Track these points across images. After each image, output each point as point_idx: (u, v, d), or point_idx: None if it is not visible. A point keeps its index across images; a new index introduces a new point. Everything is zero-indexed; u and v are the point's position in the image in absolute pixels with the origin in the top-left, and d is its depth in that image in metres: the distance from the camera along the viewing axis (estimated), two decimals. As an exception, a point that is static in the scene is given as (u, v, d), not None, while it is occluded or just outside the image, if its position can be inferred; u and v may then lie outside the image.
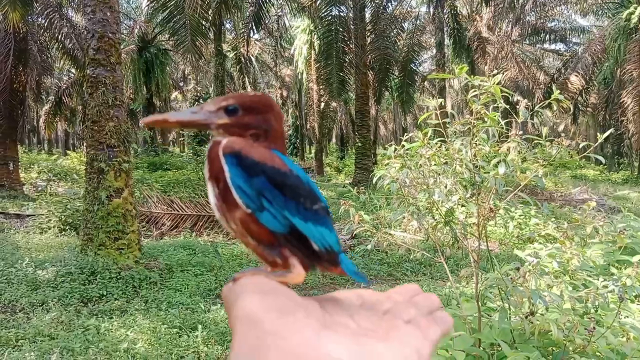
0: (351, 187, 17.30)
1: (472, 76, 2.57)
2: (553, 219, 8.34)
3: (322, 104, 26.86)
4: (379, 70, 21.63)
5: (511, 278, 1.93)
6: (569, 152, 2.35)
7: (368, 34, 19.85)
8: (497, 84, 2.34)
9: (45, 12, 16.39)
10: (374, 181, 2.75)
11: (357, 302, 0.55)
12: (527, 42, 28.05)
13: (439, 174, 2.67)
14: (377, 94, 22.76)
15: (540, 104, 2.43)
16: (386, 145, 2.83)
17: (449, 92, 31.12)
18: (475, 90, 2.28)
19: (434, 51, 24.83)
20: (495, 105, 2.59)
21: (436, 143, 2.78)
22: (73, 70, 22.44)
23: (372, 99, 23.09)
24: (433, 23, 22.29)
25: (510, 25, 24.08)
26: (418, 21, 24.05)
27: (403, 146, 2.80)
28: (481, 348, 2.02)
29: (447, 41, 23.18)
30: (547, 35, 26.52)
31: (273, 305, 0.45)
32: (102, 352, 4.44)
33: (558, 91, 2.24)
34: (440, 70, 22.43)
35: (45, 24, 16.84)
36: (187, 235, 9.83)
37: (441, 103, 2.86)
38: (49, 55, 18.93)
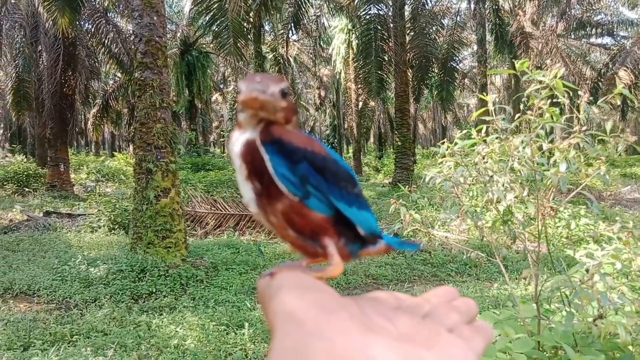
0: (391, 187, 17.18)
1: (514, 72, 2.51)
2: (614, 219, 8.05)
3: (360, 104, 26.80)
4: (418, 68, 21.38)
5: (579, 280, 1.87)
6: (616, 149, 2.26)
7: (407, 31, 19.65)
8: (556, 77, 2.28)
9: (92, 18, 16.95)
10: (425, 180, 2.71)
11: (394, 304, 0.54)
12: (573, 36, 27.16)
13: (494, 173, 2.62)
14: (416, 92, 22.51)
15: (603, 98, 2.34)
16: (438, 143, 2.79)
17: (490, 89, 30.46)
18: (536, 85, 2.22)
19: (475, 47, 24.40)
20: (556, 100, 2.52)
21: (493, 140, 2.72)
22: (119, 74, 23.16)
23: (411, 97, 22.86)
24: (474, 19, 21.90)
25: (554, 20, 23.37)
26: (458, 17, 23.64)
27: (456, 144, 2.76)
28: (541, 351, 1.97)
29: (488, 37, 22.70)
30: (594, 29, 25.61)
31: (315, 302, 0.43)
32: (153, 348, 4.56)
33: (622, 85, 2.16)
34: (482, 67, 22.01)
35: (93, 30, 17.42)
36: (230, 234, 9.99)
37: (495, 99, 2.80)
38: (96, 60, 19.59)
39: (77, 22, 15.25)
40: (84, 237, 9.12)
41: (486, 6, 20.54)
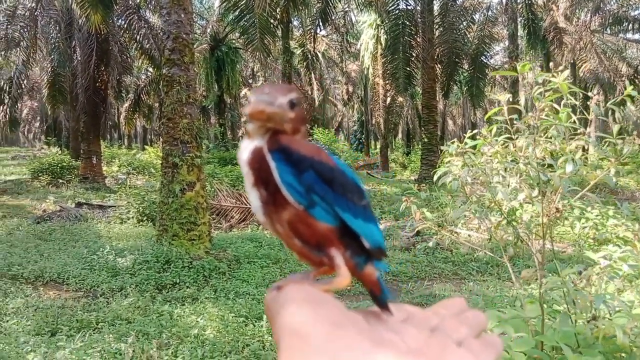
0: (416, 184, 17.07)
1: (544, 70, 2.51)
2: (632, 220, 7.86)
3: (388, 99, 26.64)
4: (447, 63, 21.12)
5: (572, 281, 1.88)
6: (621, 152, 2.23)
7: (436, 27, 19.44)
8: (566, 79, 2.27)
9: (125, 14, 17.32)
10: (434, 179, 2.74)
11: (401, 316, 0.54)
12: (608, 31, 26.36)
13: (503, 173, 2.62)
14: (445, 88, 22.26)
15: (613, 100, 2.32)
16: (448, 143, 2.81)
17: (522, 85, 29.89)
18: (540, 87, 2.23)
19: (507, 43, 23.95)
20: (567, 101, 2.51)
21: (499, 140, 2.72)
22: (150, 69, 23.63)
23: (440, 94, 22.62)
24: (505, 14, 21.50)
25: (589, 15, 22.75)
26: (489, 12, 23.24)
27: (466, 143, 2.77)
28: (543, 351, 1.98)
29: (520, 32, 22.26)
30: (630, 24, 24.78)
31: (322, 317, 0.43)
32: (174, 337, 4.70)
33: (631, 87, 2.15)
34: (513, 63, 21.59)
35: (125, 26, 17.81)
36: (254, 228, 10.13)
37: (509, 98, 2.80)
38: (128, 55, 20.00)
39: (110, 19, 15.62)
40: (113, 228, 9.39)
41: (519, 1, 20.12)
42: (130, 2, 18.14)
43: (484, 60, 22.73)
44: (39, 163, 15.64)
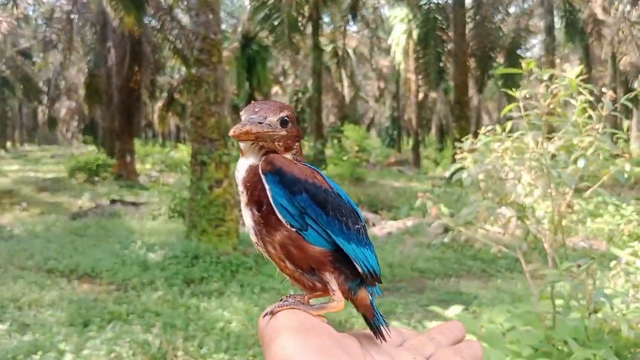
0: (446, 181, 16.85)
1: (584, 63, 2.46)
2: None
3: (421, 95, 26.36)
4: (480, 57, 20.77)
5: (571, 275, 1.84)
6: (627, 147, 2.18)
7: (469, 20, 19.12)
8: (581, 73, 2.22)
9: (157, 15, 17.65)
10: (446, 175, 2.72)
11: (397, 340, 0.54)
12: (649, 23, 25.33)
13: (515, 169, 2.59)
14: (479, 83, 21.87)
15: (626, 96, 2.25)
16: (462, 139, 2.78)
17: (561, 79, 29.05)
18: (548, 85, 2.19)
19: (544, 35, 23.34)
20: (581, 96, 2.47)
21: (512, 136, 2.69)
22: (183, 69, 24.04)
23: (475, 88, 22.24)
24: (542, 6, 20.95)
25: (628, 5, 21.93)
26: (525, 5, 22.72)
27: (480, 140, 2.74)
28: (553, 345, 1.95)
29: (558, 24, 21.66)
30: (674, 15, 23.75)
31: (313, 346, 0.43)
32: (200, 329, 4.79)
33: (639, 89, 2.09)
34: (550, 56, 21.04)
35: (158, 26, 18.15)
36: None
37: (525, 95, 2.74)
38: (161, 55, 20.39)
39: (143, 20, 15.95)
40: (145, 224, 9.62)
41: (555, -8, 19.58)
42: (163, 3, 18.48)
43: (520, 53, 22.25)
44: (75, 161, 16.15)
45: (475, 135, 2.96)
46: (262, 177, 0.53)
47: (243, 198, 0.55)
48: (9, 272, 6.45)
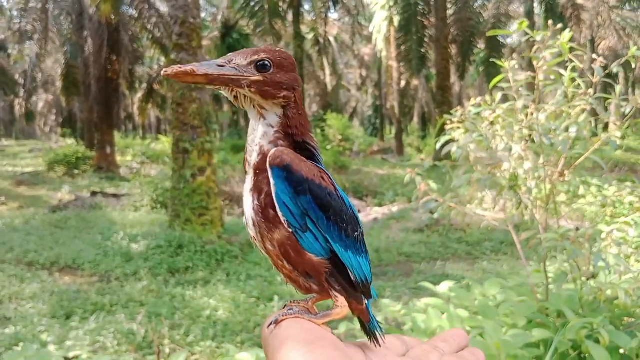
0: (430, 167, 16.85)
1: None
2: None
3: (403, 83, 26.33)
4: (462, 43, 20.77)
5: (569, 238, 1.80)
6: (624, 113, 2.15)
7: (450, 6, 19.07)
8: (570, 41, 2.18)
9: (135, 3, 17.30)
10: (436, 148, 2.67)
11: (401, 349, 0.54)
12: (628, 7, 25.62)
13: (506, 139, 2.54)
14: (461, 69, 21.91)
15: (617, 62, 2.21)
16: (451, 111, 2.73)
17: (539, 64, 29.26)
18: (539, 47, 2.14)
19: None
20: (571, 64, 2.43)
21: (502, 106, 2.65)
22: (163, 59, 23.65)
23: (456, 75, 22.27)
24: (521, -9, 21.00)
25: (607, -10, 22.15)
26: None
27: (469, 111, 2.69)
28: (547, 316, 1.92)
29: (537, 10, 21.75)
30: (652, -1, 24.03)
31: (319, 358, 0.42)
32: (186, 318, 4.71)
33: (635, 47, 2.04)
34: (530, 42, 21.15)
35: (136, 15, 17.79)
36: (267, 212, 10.12)
37: (514, 65, 2.70)
38: (140, 45, 20.02)
39: (120, 7, 15.61)
40: (127, 216, 9.46)
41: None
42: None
43: (500, 39, 22.31)
44: (54, 154, 15.82)
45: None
46: (269, 169, 0.51)
47: (249, 181, 0.53)
48: (-13, 265, 6.28)
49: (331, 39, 28.51)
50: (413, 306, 2.63)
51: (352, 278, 0.54)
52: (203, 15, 22.08)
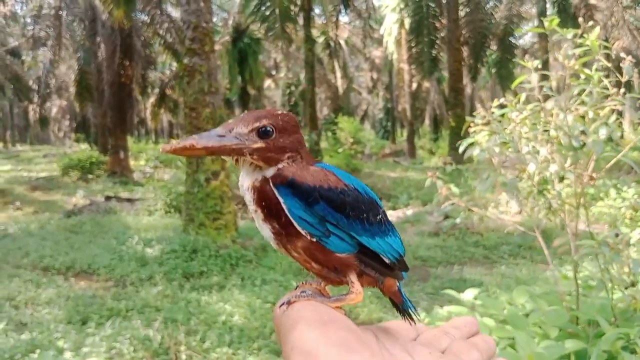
0: (443, 169, 16.75)
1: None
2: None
3: (414, 85, 26.24)
4: (474, 45, 20.65)
5: (609, 244, 1.73)
6: None
7: (461, 7, 18.96)
8: (598, 38, 2.11)
9: (147, 9, 17.42)
10: (459, 151, 2.61)
11: (411, 334, 0.54)
12: (642, 6, 25.28)
13: (531, 140, 2.47)
14: (473, 71, 21.76)
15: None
16: (474, 113, 2.67)
17: (552, 66, 29.04)
18: (570, 46, 2.08)
19: (536, 22, 23.24)
20: (600, 63, 2.35)
21: (528, 108, 2.58)
22: (174, 64, 23.79)
23: (468, 77, 22.12)
24: (533, -8, 20.83)
25: (621, -11, 21.89)
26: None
27: (493, 112, 2.63)
28: (579, 325, 1.85)
29: (550, 10, 21.55)
30: (666, -2, 23.70)
31: (333, 339, 0.42)
32: (202, 323, 4.68)
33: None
34: (543, 43, 20.99)
35: (148, 20, 17.91)
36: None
37: (537, 65, 2.65)
38: (152, 50, 20.15)
39: (133, 14, 15.71)
40: (141, 220, 9.48)
41: (546, -23, 19.46)
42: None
43: (513, 40, 22.16)
44: (69, 159, 15.93)
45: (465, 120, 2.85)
46: (274, 190, 0.50)
47: (258, 216, 0.53)
48: (4, 270, 6.30)
49: (342, 42, 28.50)
50: (436, 314, 2.57)
51: (387, 261, 0.55)
52: (214, 19, 22.17)
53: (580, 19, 2.35)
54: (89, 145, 23.61)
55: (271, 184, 0.51)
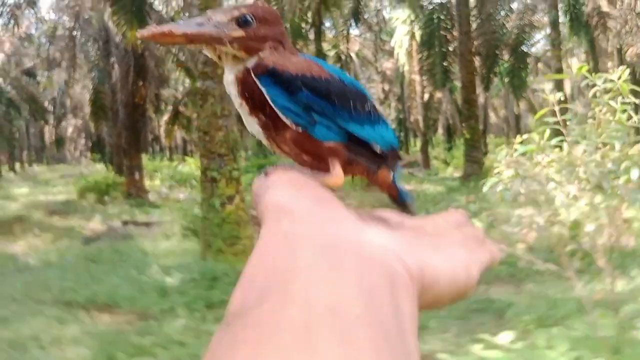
0: (461, 181, 16.63)
1: (590, 57, 2.28)
2: None
3: (426, 95, 26.18)
4: (486, 55, 20.58)
5: None
6: None
7: (473, 19, 18.90)
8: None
9: (160, 29, 17.56)
10: (484, 190, 2.56)
11: (398, 220, 0.50)
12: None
13: (557, 183, 2.39)
14: (486, 81, 21.67)
15: None
16: (496, 150, 2.62)
17: (566, 72, 28.81)
18: (598, 90, 2.01)
19: (548, 30, 23.12)
20: (626, 101, 2.27)
21: (554, 146, 2.50)
22: (187, 81, 23.98)
23: (480, 87, 22.04)
24: (545, 1, 20.73)
25: (635, -4, 21.69)
26: (528, 0, 22.52)
27: (515, 150, 2.56)
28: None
29: (562, 19, 21.43)
30: (681, 3, 23.44)
31: (307, 195, 0.42)
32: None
33: None
34: (556, 51, 20.83)
35: (161, 40, 18.06)
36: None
37: (560, 98, 2.58)
38: (165, 69, 20.32)
39: (146, 35, 15.86)
40: (159, 245, 9.47)
41: (558, -14, 19.34)
42: (165, 16, 18.40)
43: (525, 49, 22.06)
44: (85, 182, 16.06)
45: (483, 132, 2.78)
46: (256, 80, 0.49)
47: (244, 109, 0.52)
48: (27, 307, 6.27)
49: (352, 54, 28.55)
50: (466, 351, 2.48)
51: (378, 150, 0.54)
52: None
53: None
54: (104, 164, 23.79)
55: (252, 74, 0.50)
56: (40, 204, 15.41)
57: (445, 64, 19.83)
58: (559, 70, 21.30)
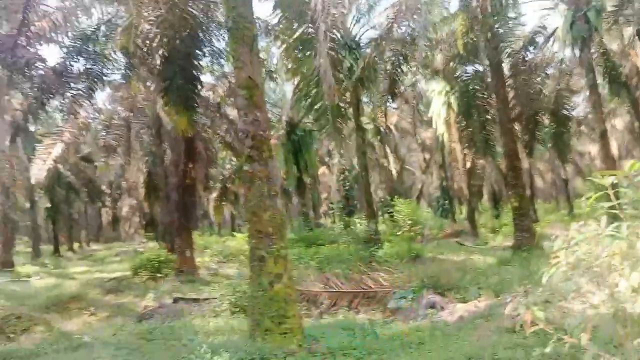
0: (512, 251, 16.07)
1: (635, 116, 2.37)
2: None
3: (469, 163, 26.15)
4: (526, 121, 20.61)
5: None
6: None
7: (509, 88, 19.10)
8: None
9: (206, 112, 18.68)
10: (542, 281, 2.63)
11: None
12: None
13: (622, 273, 2.44)
14: (529, 147, 21.51)
15: None
16: (552, 237, 2.69)
17: (612, 133, 28.27)
18: None
19: (587, 93, 23.05)
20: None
21: (613, 237, 2.53)
22: (234, 159, 25.00)
23: (524, 152, 21.86)
24: (581, 66, 20.84)
25: (673, 54, 21.57)
26: (563, 65, 22.66)
27: (572, 238, 2.62)
28: None
29: (600, 81, 21.40)
30: None
31: None
32: None
33: None
34: (598, 112, 20.60)
35: (208, 123, 19.17)
36: (345, 312, 9.97)
37: (612, 182, 2.61)
38: (213, 149, 21.35)
39: (195, 120, 16.86)
40: (208, 323, 9.63)
41: (592, 51, 19.47)
42: (212, 101, 19.57)
43: (566, 112, 21.98)
44: (139, 260, 16.65)
45: (531, 199, 2.86)
46: None
47: None
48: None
49: (391, 126, 29.14)
50: None
51: None
52: (268, 116, 23.41)
53: None
54: (157, 242, 24.60)
55: None
56: (96, 282, 15.99)
57: (484, 132, 19.92)
58: (604, 132, 21.01)
